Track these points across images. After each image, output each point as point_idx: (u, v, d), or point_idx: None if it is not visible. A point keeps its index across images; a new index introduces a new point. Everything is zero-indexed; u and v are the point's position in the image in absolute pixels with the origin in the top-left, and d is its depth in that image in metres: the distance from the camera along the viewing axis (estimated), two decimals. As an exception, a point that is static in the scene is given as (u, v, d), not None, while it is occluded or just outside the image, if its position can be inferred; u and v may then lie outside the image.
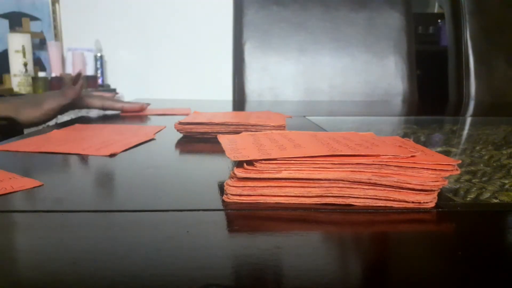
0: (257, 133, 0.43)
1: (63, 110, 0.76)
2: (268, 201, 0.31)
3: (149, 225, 0.27)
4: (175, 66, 2.10)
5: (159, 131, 0.63)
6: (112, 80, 2.11)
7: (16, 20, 1.90)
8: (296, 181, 0.30)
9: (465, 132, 0.75)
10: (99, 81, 2.02)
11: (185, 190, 0.35)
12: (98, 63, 2.03)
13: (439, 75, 1.77)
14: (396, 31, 1.36)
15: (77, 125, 0.67)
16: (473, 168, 0.44)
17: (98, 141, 0.54)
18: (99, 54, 2.02)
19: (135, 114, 0.87)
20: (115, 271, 0.20)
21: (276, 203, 0.30)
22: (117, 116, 0.84)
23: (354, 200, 0.30)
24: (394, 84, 1.35)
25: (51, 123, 0.77)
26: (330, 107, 1.14)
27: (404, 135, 0.65)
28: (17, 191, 0.32)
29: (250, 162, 0.30)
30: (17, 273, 0.21)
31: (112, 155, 0.46)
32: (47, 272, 0.21)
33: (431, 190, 0.30)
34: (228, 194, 0.31)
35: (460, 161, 0.32)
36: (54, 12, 2.02)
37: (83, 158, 0.46)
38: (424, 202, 0.30)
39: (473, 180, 0.39)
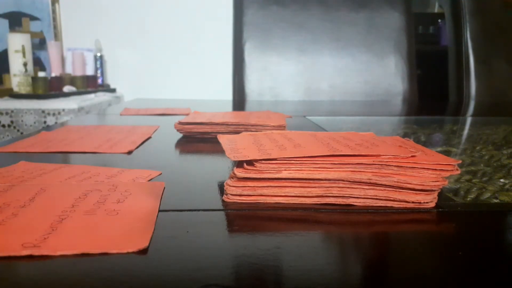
0: (257, 133, 0.43)
1: None
2: (268, 201, 0.31)
3: (149, 225, 0.26)
4: (175, 66, 2.10)
5: (155, 131, 0.63)
6: (112, 80, 2.11)
7: (16, 20, 1.90)
8: (296, 181, 0.30)
9: (465, 132, 0.75)
10: (99, 81, 2.02)
11: (185, 190, 0.35)
12: (98, 63, 2.02)
13: (439, 75, 1.77)
14: (396, 31, 1.36)
15: (67, 126, 0.66)
16: (474, 168, 0.44)
17: (102, 140, 0.54)
18: (99, 54, 2.02)
19: (136, 114, 0.87)
20: (115, 271, 0.20)
21: (276, 203, 0.30)
22: (116, 116, 0.85)
23: (354, 200, 0.30)
24: (394, 84, 1.35)
25: (41, 125, 0.74)
26: (330, 107, 1.14)
27: (404, 135, 0.65)
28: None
29: (250, 162, 0.30)
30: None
31: (129, 152, 0.48)
32: (45, 272, 0.20)
33: (431, 190, 0.30)
34: (228, 194, 0.31)
35: (460, 161, 0.32)
36: (54, 12, 2.02)
37: (102, 156, 0.46)
38: (424, 202, 0.30)
39: (474, 180, 0.39)
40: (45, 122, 1.36)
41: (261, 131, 0.50)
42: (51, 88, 1.55)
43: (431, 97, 1.58)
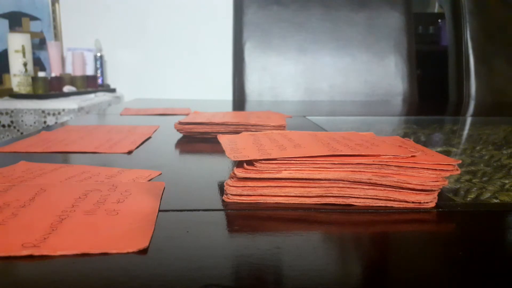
0: (257, 133, 0.43)
1: None
2: (268, 201, 0.31)
3: (149, 225, 0.26)
4: (175, 66, 2.10)
5: (155, 131, 0.63)
6: (112, 80, 2.11)
7: (16, 20, 1.90)
8: (296, 181, 0.30)
9: (465, 132, 0.75)
10: (99, 81, 2.01)
11: (185, 190, 0.35)
12: (98, 63, 2.02)
13: (439, 75, 1.77)
14: (396, 31, 1.36)
15: (67, 126, 0.66)
16: (474, 168, 0.44)
17: (102, 140, 0.54)
18: (99, 54, 2.02)
19: (136, 113, 0.87)
20: (115, 271, 0.20)
21: (276, 203, 0.30)
22: (116, 116, 0.85)
23: (354, 200, 0.30)
24: (394, 84, 1.35)
25: (41, 125, 0.74)
26: (330, 107, 1.14)
27: (404, 135, 0.65)
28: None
29: (250, 162, 0.30)
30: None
31: (129, 152, 0.48)
32: (45, 272, 0.20)
33: (431, 190, 0.30)
34: (228, 194, 0.31)
35: (460, 161, 0.32)
36: (54, 12, 2.02)
37: (102, 156, 0.46)
38: (424, 202, 0.30)
39: (474, 180, 0.39)
40: (45, 122, 1.36)
41: (261, 131, 0.50)
42: (51, 88, 1.55)
43: (431, 97, 1.58)
